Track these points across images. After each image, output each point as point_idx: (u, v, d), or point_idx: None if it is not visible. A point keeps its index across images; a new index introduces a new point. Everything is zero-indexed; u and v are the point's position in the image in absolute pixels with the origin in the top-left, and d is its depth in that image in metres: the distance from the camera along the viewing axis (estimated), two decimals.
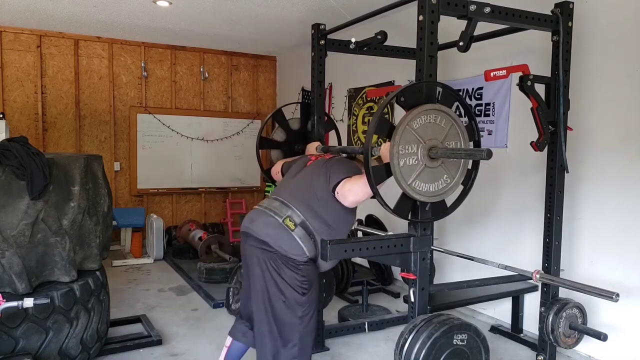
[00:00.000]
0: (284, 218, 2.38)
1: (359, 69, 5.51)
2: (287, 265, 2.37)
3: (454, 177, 2.31)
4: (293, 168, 2.75)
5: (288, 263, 2.37)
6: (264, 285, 2.41)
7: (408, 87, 2.26)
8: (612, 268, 3.12)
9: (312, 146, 3.13)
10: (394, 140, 2.13)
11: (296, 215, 2.39)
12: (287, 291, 2.39)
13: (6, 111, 5.87)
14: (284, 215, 2.39)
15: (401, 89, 2.23)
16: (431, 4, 2.22)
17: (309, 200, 2.43)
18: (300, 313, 2.41)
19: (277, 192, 2.58)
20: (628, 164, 3.03)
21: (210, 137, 7.10)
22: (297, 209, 2.40)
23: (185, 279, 5.14)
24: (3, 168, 2.69)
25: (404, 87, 2.26)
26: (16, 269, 2.67)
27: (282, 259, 2.37)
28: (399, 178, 2.14)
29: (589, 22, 3.18)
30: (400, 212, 2.26)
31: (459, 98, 2.38)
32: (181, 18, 5.36)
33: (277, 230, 2.38)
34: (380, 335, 3.73)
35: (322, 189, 2.43)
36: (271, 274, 2.39)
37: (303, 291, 2.40)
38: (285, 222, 2.37)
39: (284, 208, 2.42)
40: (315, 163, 2.63)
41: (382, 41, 2.95)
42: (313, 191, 2.45)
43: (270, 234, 2.39)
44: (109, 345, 3.32)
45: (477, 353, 2.25)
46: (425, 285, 2.37)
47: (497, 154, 3.17)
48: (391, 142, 2.14)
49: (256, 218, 2.49)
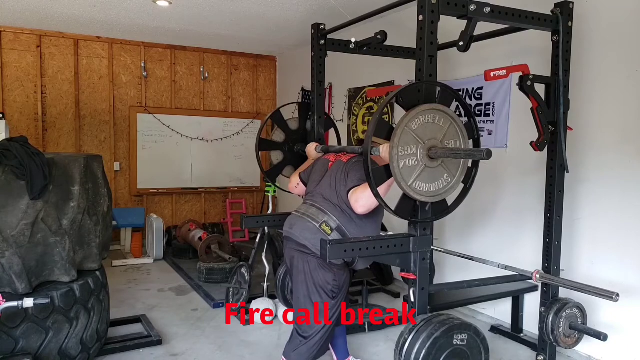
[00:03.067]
0: (321, 223, 2.51)
1: (359, 69, 5.51)
2: (323, 268, 2.50)
3: (454, 176, 2.30)
4: (315, 173, 2.82)
5: (324, 265, 2.49)
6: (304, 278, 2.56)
7: (407, 88, 2.26)
8: (612, 268, 3.12)
9: (311, 146, 3.13)
10: (393, 142, 2.13)
11: (332, 220, 2.51)
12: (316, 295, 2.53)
13: (6, 111, 5.87)
14: (320, 220, 2.52)
15: (400, 90, 2.23)
16: (431, 4, 2.22)
17: (340, 205, 2.53)
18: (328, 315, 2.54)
19: (311, 198, 2.68)
20: (628, 163, 3.03)
21: (210, 137, 7.10)
22: (333, 214, 2.52)
23: (185, 279, 5.14)
24: (3, 168, 2.69)
25: (403, 88, 2.26)
26: (16, 269, 2.67)
27: (319, 261, 2.49)
28: (399, 179, 2.14)
29: (589, 22, 3.18)
30: (401, 213, 2.27)
31: (458, 97, 2.38)
32: (181, 18, 5.36)
33: (315, 234, 2.49)
34: (380, 335, 3.73)
35: (344, 193, 2.52)
36: (305, 274, 2.55)
37: (333, 294, 2.54)
38: (322, 227, 2.50)
39: (321, 214, 2.54)
40: (335, 166, 2.69)
41: (382, 41, 2.95)
42: (339, 195, 2.54)
43: (309, 238, 2.52)
44: (109, 345, 3.32)
45: (477, 353, 2.25)
46: (425, 285, 2.37)
47: (497, 154, 3.17)
48: (390, 144, 2.14)
49: (296, 223, 2.63)
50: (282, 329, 3.83)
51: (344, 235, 2.49)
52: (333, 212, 2.53)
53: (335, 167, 2.68)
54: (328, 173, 2.70)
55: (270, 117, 3.41)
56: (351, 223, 2.51)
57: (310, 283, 2.54)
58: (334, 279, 2.53)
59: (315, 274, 2.52)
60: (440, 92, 2.38)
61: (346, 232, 2.50)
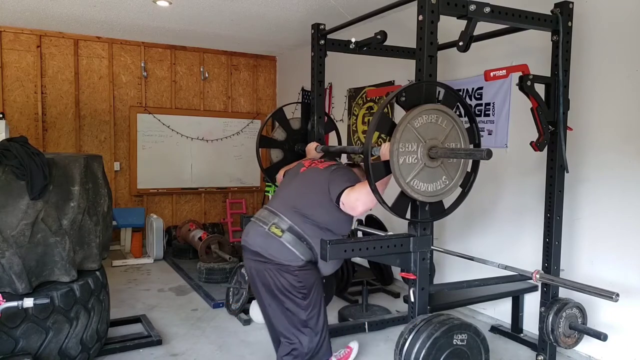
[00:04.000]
0: (270, 226, 2.41)
1: (359, 69, 5.51)
2: (282, 273, 2.39)
3: (452, 179, 2.31)
4: (287, 176, 2.76)
5: (282, 270, 2.39)
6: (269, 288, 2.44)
7: (410, 86, 2.26)
8: (612, 268, 3.12)
9: (311, 146, 3.13)
10: (394, 137, 2.13)
11: (283, 221, 2.40)
12: (287, 300, 2.42)
13: (6, 111, 5.87)
14: (270, 222, 2.42)
15: (403, 88, 2.24)
16: (431, 4, 2.22)
17: (299, 206, 2.43)
18: (304, 317, 2.44)
19: (270, 201, 2.61)
20: (628, 163, 3.03)
21: (210, 137, 7.10)
22: (284, 215, 2.42)
23: (185, 279, 5.13)
24: (3, 168, 2.69)
25: (407, 86, 2.26)
26: (16, 269, 2.67)
27: (277, 267, 2.39)
28: (398, 175, 2.14)
29: (589, 22, 3.18)
30: (397, 210, 2.26)
31: (460, 99, 2.38)
32: (181, 18, 5.36)
33: (266, 238, 2.41)
34: (380, 335, 3.73)
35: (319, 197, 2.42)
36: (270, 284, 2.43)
37: (302, 296, 2.42)
38: (271, 229, 2.40)
39: (271, 216, 2.45)
40: (309, 170, 2.61)
41: (382, 41, 2.95)
42: (307, 198, 2.45)
43: (260, 243, 2.43)
44: (109, 345, 3.32)
45: (477, 353, 2.25)
46: (425, 285, 2.37)
47: (497, 154, 3.16)
48: (391, 140, 2.14)
49: (250, 230, 2.54)
50: None
51: (298, 235, 2.40)
52: (285, 212, 2.43)
53: (308, 173, 2.59)
54: (298, 177, 2.61)
55: (273, 115, 3.41)
56: (307, 222, 2.42)
57: (276, 291, 2.43)
58: (298, 281, 2.41)
59: (277, 281, 2.41)
60: (443, 93, 2.38)
61: (301, 232, 2.40)
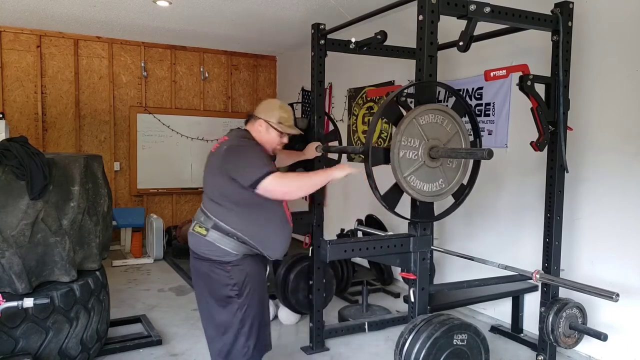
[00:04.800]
0: (194, 225, 2.38)
1: (359, 69, 5.51)
2: (215, 268, 2.34)
3: (449, 184, 2.31)
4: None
5: (215, 266, 2.34)
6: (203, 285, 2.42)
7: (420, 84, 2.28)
8: (612, 268, 3.12)
9: (312, 146, 3.13)
10: (399, 128, 2.14)
11: (208, 220, 2.33)
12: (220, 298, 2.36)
13: (6, 111, 5.87)
14: (195, 221, 2.40)
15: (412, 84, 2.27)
16: (431, 4, 2.22)
17: (216, 197, 2.34)
18: (240, 316, 2.35)
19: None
20: (628, 163, 3.03)
21: (210, 137, 7.09)
22: (208, 210, 2.34)
23: (185, 279, 5.13)
24: (3, 168, 2.69)
25: (415, 83, 2.27)
26: (16, 269, 2.67)
27: (209, 263, 2.35)
28: (396, 167, 2.14)
29: (589, 22, 3.18)
30: (387, 201, 2.24)
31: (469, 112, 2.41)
32: (181, 18, 5.36)
33: (196, 238, 2.37)
34: (380, 335, 3.73)
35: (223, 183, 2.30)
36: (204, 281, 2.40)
37: (236, 293, 2.34)
38: (195, 229, 2.37)
39: (199, 213, 2.40)
40: (210, 158, 2.46)
41: (382, 41, 2.95)
42: (216, 187, 2.35)
43: (192, 242, 2.41)
44: (109, 345, 3.32)
45: (477, 353, 2.25)
46: (425, 285, 2.37)
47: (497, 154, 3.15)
48: (395, 130, 2.15)
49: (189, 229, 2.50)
50: (282, 328, 3.83)
51: (224, 231, 2.29)
52: (208, 207, 2.35)
53: (209, 159, 2.45)
54: (207, 166, 2.46)
55: None
56: (230, 213, 2.30)
57: (211, 288, 2.38)
58: (229, 277, 2.33)
59: (209, 278, 2.36)
60: (454, 102, 2.42)
61: (227, 228, 2.29)
